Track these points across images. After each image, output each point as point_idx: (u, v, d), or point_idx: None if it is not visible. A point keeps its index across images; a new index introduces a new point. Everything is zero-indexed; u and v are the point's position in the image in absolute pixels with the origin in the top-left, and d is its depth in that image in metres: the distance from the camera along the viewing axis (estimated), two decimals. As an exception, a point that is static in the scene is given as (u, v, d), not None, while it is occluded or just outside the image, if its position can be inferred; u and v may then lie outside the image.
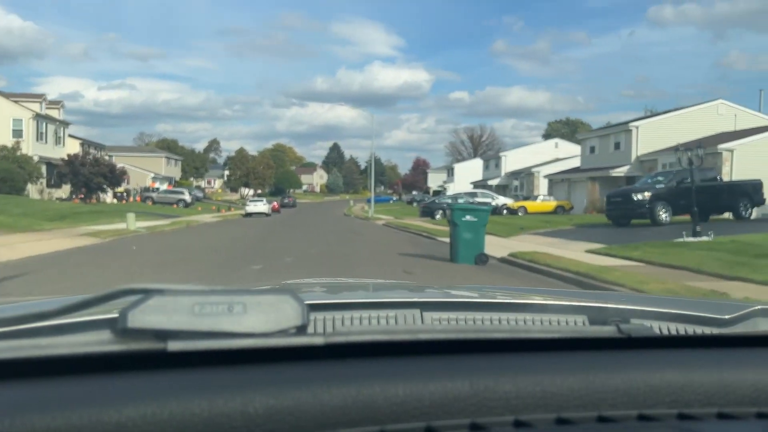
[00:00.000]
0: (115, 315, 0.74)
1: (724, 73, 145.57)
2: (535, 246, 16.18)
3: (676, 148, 17.63)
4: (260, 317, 0.74)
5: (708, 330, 1.18)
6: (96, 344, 0.76)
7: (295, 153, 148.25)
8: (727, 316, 1.23)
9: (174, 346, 0.72)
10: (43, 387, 0.70)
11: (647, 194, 20.69)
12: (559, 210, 36.26)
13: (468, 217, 12.61)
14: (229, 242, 19.62)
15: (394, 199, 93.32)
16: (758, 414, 0.79)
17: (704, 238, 14.96)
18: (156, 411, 0.65)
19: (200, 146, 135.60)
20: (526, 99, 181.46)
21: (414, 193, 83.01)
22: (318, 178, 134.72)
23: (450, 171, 77.34)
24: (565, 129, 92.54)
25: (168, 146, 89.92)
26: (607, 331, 0.95)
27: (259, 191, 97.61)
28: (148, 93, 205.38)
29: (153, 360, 0.74)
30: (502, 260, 13.50)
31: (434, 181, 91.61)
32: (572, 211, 36.35)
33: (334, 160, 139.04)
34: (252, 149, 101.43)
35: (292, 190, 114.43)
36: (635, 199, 20.84)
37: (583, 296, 1.92)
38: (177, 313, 0.71)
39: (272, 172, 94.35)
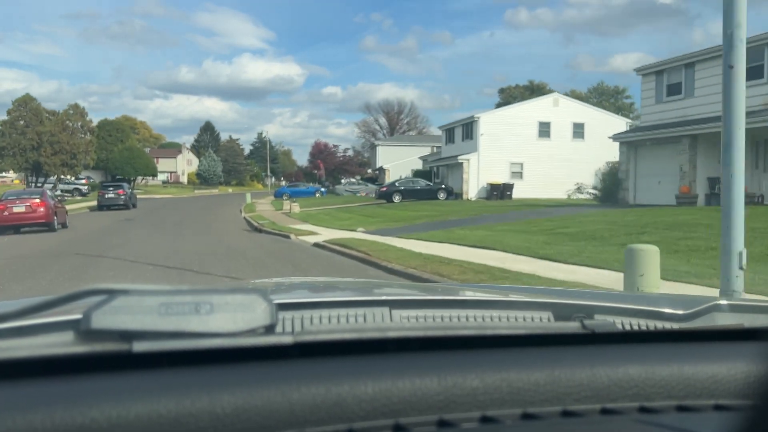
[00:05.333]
0: (79, 316, 0.72)
1: (574, 74, 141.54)
2: None
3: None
4: (228, 317, 0.72)
5: (668, 325, 1.19)
6: (59, 346, 0.74)
7: (150, 130, 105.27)
8: (686, 312, 1.24)
9: (139, 346, 0.70)
10: (4, 390, 0.67)
11: None
12: None
13: None
14: None
15: (322, 191, 55.21)
16: (715, 406, 0.81)
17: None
18: (122, 413, 0.63)
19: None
20: (397, 95, 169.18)
21: (371, 184, 44.74)
22: (185, 165, 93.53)
23: (461, 130, 40.19)
24: (527, 94, 64.22)
25: None
26: (572, 327, 0.96)
27: (85, 180, 56.01)
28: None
29: (118, 361, 0.72)
30: None
31: (390, 158, 54.89)
32: None
33: (207, 143, 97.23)
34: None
35: (142, 180, 72.31)
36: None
37: (548, 293, 1.77)
38: (142, 313, 0.69)
39: (92, 142, 49.98)
